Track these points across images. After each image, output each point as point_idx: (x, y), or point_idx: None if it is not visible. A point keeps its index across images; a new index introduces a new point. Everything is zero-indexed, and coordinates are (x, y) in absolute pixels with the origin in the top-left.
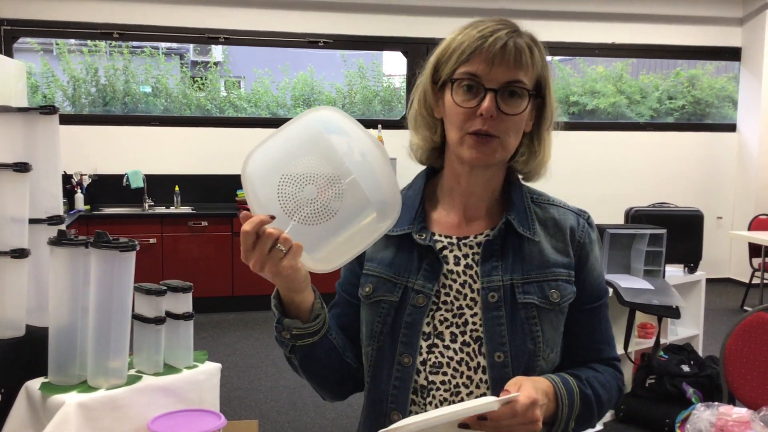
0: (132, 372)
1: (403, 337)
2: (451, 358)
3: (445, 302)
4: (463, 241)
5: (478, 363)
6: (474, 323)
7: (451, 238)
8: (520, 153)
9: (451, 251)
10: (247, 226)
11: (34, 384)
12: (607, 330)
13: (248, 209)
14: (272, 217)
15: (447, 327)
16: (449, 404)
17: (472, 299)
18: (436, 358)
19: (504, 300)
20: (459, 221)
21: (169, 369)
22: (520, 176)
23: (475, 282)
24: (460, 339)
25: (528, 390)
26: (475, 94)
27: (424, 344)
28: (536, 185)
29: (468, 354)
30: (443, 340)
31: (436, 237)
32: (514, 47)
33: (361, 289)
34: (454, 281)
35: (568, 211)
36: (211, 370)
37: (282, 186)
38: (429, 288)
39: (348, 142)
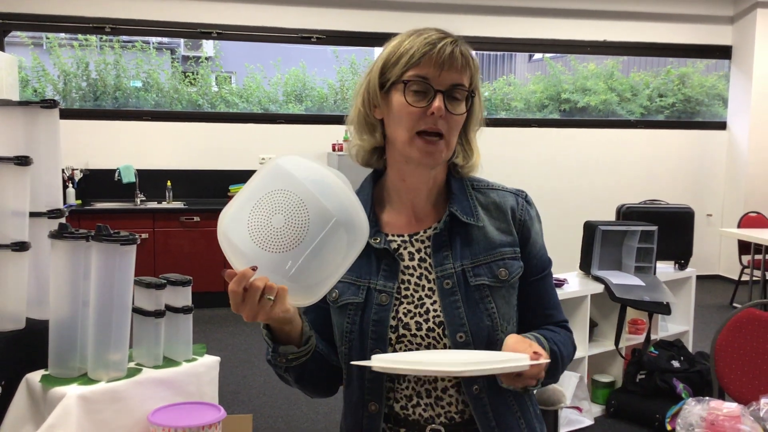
0: (132, 365)
1: (372, 333)
2: (420, 345)
3: (406, 296)
4: (415, 237)
5: (445, 345)
6: (435, 310)
7: (403, 236)
8: (456, 152)
9: (405, 248)
10: (233, 286)
11: (35, 376)
12: (554, 297)
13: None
14: (254, 269)
15: (411, 318)
16: (424, 384)
17: (430, 289)
18: (406, 346)
19: (458, 285)
20: (409, 219)
21: (169, 362)
22: (459, 170)
23: (430, 273)
24: (424, 326)
25: (545, 352)
26: (423, 95)
27: (392, 336)
28: (530, 183)
29: (434, 338)
30: (410, 330)
31: (390, 238)
32: (460, 54)
33: (328, 295)
34: (412, 275)
35: (507, 192)
36: (210, 363)
37: (251, 221)
38: (390, 287)
39: (302, 170)
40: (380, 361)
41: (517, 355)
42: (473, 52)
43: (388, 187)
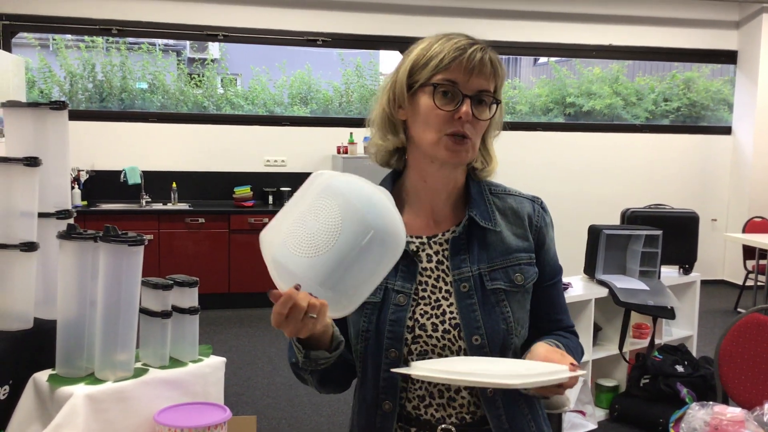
0: (138, 365)
1: (388, 333)
2: (435, 346)
3: (423, 297)
4: (433, 239)
5: (460, 347)
6: (451, 312)
7: (421, 238)
8: (476, 157)
9: (423, 250)
10: (278, 308)
11: (42, 376)
12: (563, 302)
13: (245, 198)
14: (298, 287)
15: (428, 319)
16: (437, 385)
17: (447, 291)
18: (422, 347)
19: (475, 288)
20: (427, 221)
21: (175, 362)
22: (477, 174)
23: (447, 275)
24: (440, 328)
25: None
26: (451, 99)
27: (408, 336)
28: (534, 186)
29: (449, 340)
30: (426, 331)
31: (409, 239)
32: (489, 61)
33: None
34: (429, 277)
35: (524, 199)
36: (215, 363)
37: (290, 230)
38: (408, 288)
39: (344, 183)
40: (419, 370)
41: (556, 366)
42: (501, 60)
43: (407, 188)
